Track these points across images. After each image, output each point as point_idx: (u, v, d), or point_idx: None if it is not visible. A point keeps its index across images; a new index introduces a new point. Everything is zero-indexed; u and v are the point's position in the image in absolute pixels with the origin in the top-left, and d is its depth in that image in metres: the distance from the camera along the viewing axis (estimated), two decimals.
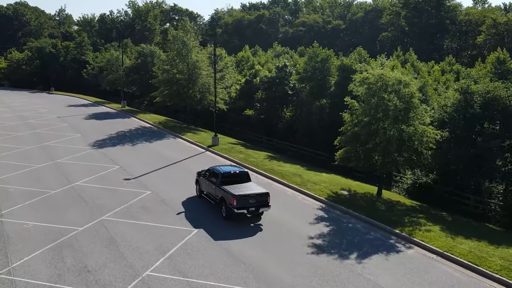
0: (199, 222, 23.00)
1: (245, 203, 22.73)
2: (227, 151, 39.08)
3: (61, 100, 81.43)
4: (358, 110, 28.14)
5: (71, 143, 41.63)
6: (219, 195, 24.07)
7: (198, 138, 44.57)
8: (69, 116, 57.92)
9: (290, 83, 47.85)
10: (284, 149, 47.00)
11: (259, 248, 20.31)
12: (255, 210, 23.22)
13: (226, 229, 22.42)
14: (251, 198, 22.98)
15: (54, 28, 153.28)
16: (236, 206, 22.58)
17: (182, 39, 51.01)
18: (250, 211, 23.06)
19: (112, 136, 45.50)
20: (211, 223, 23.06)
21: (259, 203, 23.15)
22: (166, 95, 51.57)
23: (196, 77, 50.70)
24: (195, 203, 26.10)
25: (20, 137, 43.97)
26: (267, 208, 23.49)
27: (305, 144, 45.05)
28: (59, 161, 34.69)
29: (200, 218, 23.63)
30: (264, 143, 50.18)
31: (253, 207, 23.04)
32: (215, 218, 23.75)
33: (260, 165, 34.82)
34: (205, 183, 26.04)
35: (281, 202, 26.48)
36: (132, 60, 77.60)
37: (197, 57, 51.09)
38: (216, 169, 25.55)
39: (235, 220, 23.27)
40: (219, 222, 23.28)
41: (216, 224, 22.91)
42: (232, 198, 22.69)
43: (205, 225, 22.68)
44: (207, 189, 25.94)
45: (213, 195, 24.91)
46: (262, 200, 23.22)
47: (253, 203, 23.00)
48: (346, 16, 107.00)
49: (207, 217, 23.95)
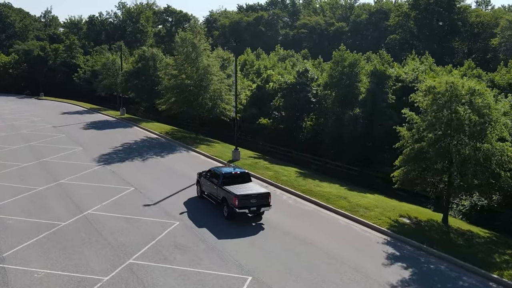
0: (256, 267, 18.65)
1: (246, 203, 23.15)
2: (251, 167, 34.75)
3: (52, 106, 76.27)
4: (420, 124, 24.09)
5: (73, 158, 36.93)
6: (221, 196, 24.47)
7: (215, 152, 40.15)
8: (65, 126, 53.03)
9: (312, 90, 43.68)
10: (305, 161, 42.80)
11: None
12: (257, 209, 23.61)
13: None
14: (253, 198, 23.38)
15: (40, 30, 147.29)
16: (238, 206, 22.96)
17: (192, 41, 46.59)
18: (252, 211, 23.45)
19: (118, 149, 40.87)
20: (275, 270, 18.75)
21: (260, 203, 23.57)
22: (174, 103, 47.02)
23: (207, 83, 46.30)
24: (240, 234, 21.75)
25: (14, 151, 39.10)
26: (268, 208, 23.89)
27: (331, 157, 40.94)
28: (63, 182, 30.02)
29: (254, 259, 19.27)
30: (280, 155, 46.00)
31: (255, 207, 23.44)
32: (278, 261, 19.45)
33: (296, 185, 30.55)
34: (206, 184, 26.36)
35: (340, 236, 22.34)
36: (129, 64, 72.86)
37: (208, 61, 46.69)
38: (217, 170, 25.98)
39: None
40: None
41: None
42: (234, 197, 23.06)
43: (263, 271, 18.36)
44: (208, 189, 26.26)
45: (215, 196, 25.27)
46: (263, 200, 23.66)
47: (254, 203, 23.40)
48: (349, 18, 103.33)
49: (267, 258, 19.62)
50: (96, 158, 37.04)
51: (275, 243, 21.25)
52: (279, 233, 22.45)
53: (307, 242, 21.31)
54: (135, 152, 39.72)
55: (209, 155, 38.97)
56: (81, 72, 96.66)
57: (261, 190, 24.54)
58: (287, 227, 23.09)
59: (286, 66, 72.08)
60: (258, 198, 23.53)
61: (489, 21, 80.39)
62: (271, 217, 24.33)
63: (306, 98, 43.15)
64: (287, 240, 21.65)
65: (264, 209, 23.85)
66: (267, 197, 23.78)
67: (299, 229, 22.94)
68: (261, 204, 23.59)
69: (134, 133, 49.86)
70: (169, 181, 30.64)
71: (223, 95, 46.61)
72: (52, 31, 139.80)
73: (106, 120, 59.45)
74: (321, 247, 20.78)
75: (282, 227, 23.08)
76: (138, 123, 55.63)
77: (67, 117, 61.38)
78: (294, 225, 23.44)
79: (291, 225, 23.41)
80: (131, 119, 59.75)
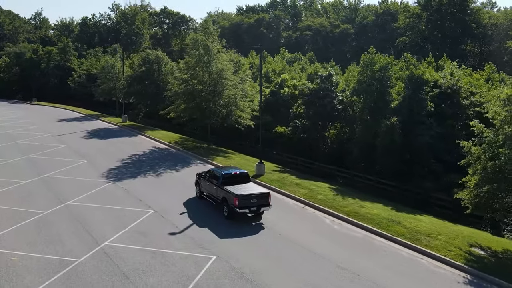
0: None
1: (247, 202, 23.33)
2: (280, 184, 31.11)
3: (47, 112, 72.09)
4: (495, 139, 20.66)
5: (78, 173, 33.02)
6: (221, 196, 24.68)
7: (235, 165, 36.39)
8: (64, 135, 48.99)
9: (338, 96, 40.17)
10: (330, 174, 39.26)
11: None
12: (257, 209, 23.82)
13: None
14: (253, 198, 23.59)
15: (30, 33, 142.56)
16: (238, 206, 23.15)
17: (205, 43, 42.93)
18: (252, 211, 23.63)
19: (126, 162, 37.03)
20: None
21: (260, 202, 23.75)
22: (185, 110, 43.23)
23: (221, 88, 42.61)
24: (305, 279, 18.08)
25: (11, 165, 35.09)
26: (268, 208, 24.13)
27: (361, 170, 37.41)
28: (71, 204, 26.16)
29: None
30: (301, 166, 42.47)
31: (255, 207, 23.63)
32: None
33: (336, 205, 26.93)
34: (206, 184, 26.61)
35: (409, 273, 18.73)
36: (127, 68, 68.94)
37: (222, 65, 43.01)
38: (217, 171, 26.35)
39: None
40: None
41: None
42: (234, 198, 23.27)
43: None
44: (208, 190, 26.49)
45: (214, 196, 25.49)
46: (263, 199, 23.86)
47: (254, 203, 23.58)
48: (354, 20, 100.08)
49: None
50: (104, 173, 33.17)
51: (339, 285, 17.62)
52: (333, 267, 18.80)
53: (374, 283, 17.71)
54: (146, 166, 35.89)
55: None
56: (76, 76, 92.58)
57: (261, 190, 24.81)
58: (341, 260, 19.47)
59: (296, 69, 68.72)
60: (258, 198, 23.76)
61: (502, 23, 77.59)
62: (323, 248, 20.71)
63: (332, 105, 39.60)
64: (346, 275, 18.05)
65: (264, 209, 24.09)
66: (267, 197, 24.08)
67: (355, 263, 19.32)
68: (261, 204, 23.84)
69: (141, 143, 45.98)
70: (191, 202, 26.93)
71: (238, 101, 42.96)
72: (44, 33, 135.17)
73: (108, 128, 55.45)
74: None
75: (335, 261, 19.44)
76: (142, 131, 51.73)
77: (65, 125, 57.31)
78: (348, 258, 19.81)
79: (345, 258, 19.78)
80: (134, 127, 55.81)
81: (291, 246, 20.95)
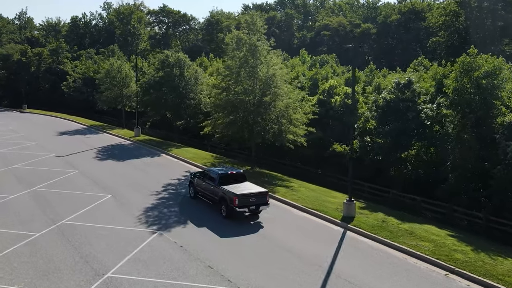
0: None
1: (246, 202, 23.59)
2: (387, 233, 22.89)
3: (42, 123, 62.90)
4: None
5: (106, 217, 24.39)
6: (218, 195, 24.79)
7: (309, 201, 28.00)
8: (72, 155, 40.13)
9: (425, 109, 32.12)
10: (411, 206, 31.35)
11: None
12: (255, 208, 24.09)
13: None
14: (252, 197, 23.89)
15: (14, 33, 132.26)
16: (237, 205, 23.35)
17: (253, 43, 34.66)
18: (251, 210, 23.85)
19: (163, 196, 28.45)
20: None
21: (259, 201, 23.98)
22: (228, 127, 34.78)
23: (272, 98, 34.33)
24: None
25: (14, 204, 26.23)
26: (266, 207, 24.42)
27: (462, 203, 29.37)
28: (113, 277, 17.60)
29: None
30: (366, 194, 34.58)
31: (253, 206, 23.87)
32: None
33: (494, 272, 18.78)
34: (201, 185, 26.60)
35: None
36: (130, 71, 60.28)
37: (274, 70, 34.78)
38: (213, 171, 26.26)
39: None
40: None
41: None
42: (233, 197, 23.43)
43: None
44: (203, 190, 26.44)
45: (211, 196, 25.51)
46: (261, 198, 24.11)
47: (253, 202, 23.84)
48: (375, 19, 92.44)
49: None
50: (139, 216, 24.61)
51: None
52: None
53: None
54: (190, 202, 27.38)
55: (305, 207, 26.78)
56: (71, 80, 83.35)
57: (259, 189, 24.94)
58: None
59: (327, 73, 60.73)
60: (257, 197, 24.00)
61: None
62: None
63: (418, 121, 31.54)
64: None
65: (262, 207, 24.30)
66: (265, 196, 24.37)
67: None
68: (259, 203, 24.05)
69: (169, 165, 37.33)
70: (291, 273, 18.61)
71: (291, 114, 34.74)
72: (30, 34, 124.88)
73: (121, 145, 46.60)
74: None
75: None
76: (165, 149, 42.99)
77: (67, 140, 48.33)
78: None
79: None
80: (151, 142, 47.01)
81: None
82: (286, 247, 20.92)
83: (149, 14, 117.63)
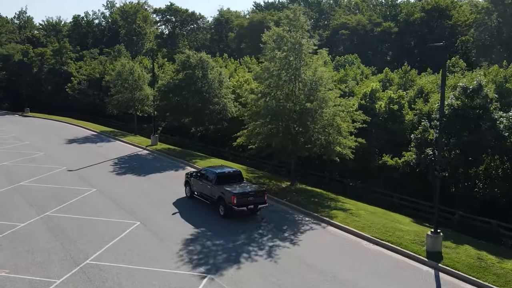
0: None
1: (244, 201, 23.53)
2: (493, 277, 18.38)
3: (47, 128, 58.33)
4: None
5: (141, 255, 19.79)
6: (216, 195, 24.64)
7: (373, 226, 23.48)
8: (85, 168, 35.53)
9: (501, 118, 27.63)
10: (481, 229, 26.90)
11: None
12: (254, 207, 24.00)
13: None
14: (250, 196, 23.80)
15: (13, 33, 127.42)
16: (236, 204, 23.26)
17: (298, 41, 30.20)
18: (249, 209, 23.79)
19: (199, 221, 23.89)
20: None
21: (257, 200, 23.96)
22: (268, 138, 30.21)
23: (319, 105, 29.84)
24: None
25: (24, 236, 21.60)
26: (264, 205, 24.40)
27: None
28: None
29: None
30: (423, 213, 30.18)
31: (252, 204, 23.82)
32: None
33: None
34: (198, 184, 26.56)
35: None
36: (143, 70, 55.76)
37: (322, 72, 30.31)
38: (210, 170, 26.27)
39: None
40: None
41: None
42: (232, 196, 23.34)
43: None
44: (200, 190, 26.44)
45: (209, 195, 25.43)
46: (260, 197, 24.11)
47: (251, 201, 23.79)
48: (394, 17, 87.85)
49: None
50: (180, 253, 20.08)
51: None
52: None
53: None
54: (236, 228, 22.85)
55: (377, 238, 22.21)
56: (76, 82, 78.76)
57: (257, 188, 25.05)
58: None
59: (356, 75, 56.32)
60: (255, 196, 23.95)
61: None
62: None
63: (495, 132, 27.04)
64: None
65: (260, 206, 24.26)
66: (264, 194, 24.43)
67: None
68: (258, 202, 24.02)
69: None
70: None
71: (341, 123, 30.25)
72: (30, 33, 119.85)
73: (137, 155, 41.96)
74: None
75: None
76: (189, 161, 38.39)
77: (78, 149, 43.72)
78: None
79: None
80: (172, 152, 42.32)
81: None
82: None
83: (155, 12, 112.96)
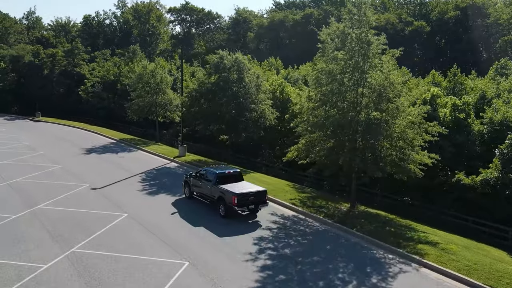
0: None
1: (245, 201, 23.35)
2: None
3: (62, 135, 53.96)
4: None
5: None
6: (216, 195, 24.54)
7: (475, 268, 18.69)
8: (110, 186, 30.93)
9: None
10: None
11: None
12: (254, 207, 23.82)
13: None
14: (251, 196, 23.57)
15: (22, 34, 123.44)
16: (237, 204, 23.09)
17: (366, 39, 25.68)
18: (250, 209, 23.61)
19: (263, 260, 19.22)
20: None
21: (258, 200, 23.76)
22: (330, 153, 25.51)
23: (390, 115, 25.18)
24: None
25: (49, 281, 17.05)
26: (265, 205, 24.30)
27: None
28: None
29: None
30: (496, 237, 25.70)
31: (252, 205, 23.63)
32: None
33: None
34: (197, 184, 26.35)
35: None
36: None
37: (394, 76, 25.65)
38: (210, 170, 25.89)
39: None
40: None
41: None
42: (233, 196, 23.17)
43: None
44: (199, 190, 26.26)
45: (208, 195, 25.34)
46: (260, 197, 23.92)
47: (252, 201, 23.58)
48: (425, 15, 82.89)
49: None
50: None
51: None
52: None
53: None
54: (306, 273, 18.19)
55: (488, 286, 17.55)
56: (89, 85, 74.56)
57: (257, 188, 24.61)
58: None
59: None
60: (256, 196, 23.71)
61: None
62: None
63: None
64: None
65: (261, 206, 24.09)
66: (264, 194, 24.15)
67: None
68: (259, 202, 23.81)
69: None
70: None
71: (413, 136, 25.52)
72: (40, 34, 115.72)
73: (166, 168, 37.29)
74: None
75: None
76: None
77: (98, 161, 39.15)
78: None
79: None
80: (204, 165, 37.75)
81: None
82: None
83: (170, 11, 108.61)
